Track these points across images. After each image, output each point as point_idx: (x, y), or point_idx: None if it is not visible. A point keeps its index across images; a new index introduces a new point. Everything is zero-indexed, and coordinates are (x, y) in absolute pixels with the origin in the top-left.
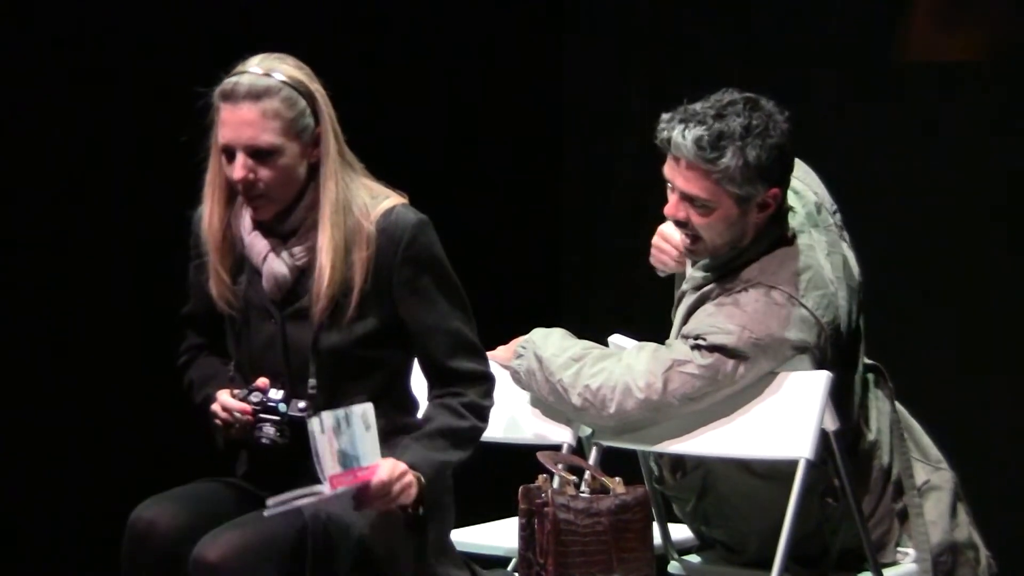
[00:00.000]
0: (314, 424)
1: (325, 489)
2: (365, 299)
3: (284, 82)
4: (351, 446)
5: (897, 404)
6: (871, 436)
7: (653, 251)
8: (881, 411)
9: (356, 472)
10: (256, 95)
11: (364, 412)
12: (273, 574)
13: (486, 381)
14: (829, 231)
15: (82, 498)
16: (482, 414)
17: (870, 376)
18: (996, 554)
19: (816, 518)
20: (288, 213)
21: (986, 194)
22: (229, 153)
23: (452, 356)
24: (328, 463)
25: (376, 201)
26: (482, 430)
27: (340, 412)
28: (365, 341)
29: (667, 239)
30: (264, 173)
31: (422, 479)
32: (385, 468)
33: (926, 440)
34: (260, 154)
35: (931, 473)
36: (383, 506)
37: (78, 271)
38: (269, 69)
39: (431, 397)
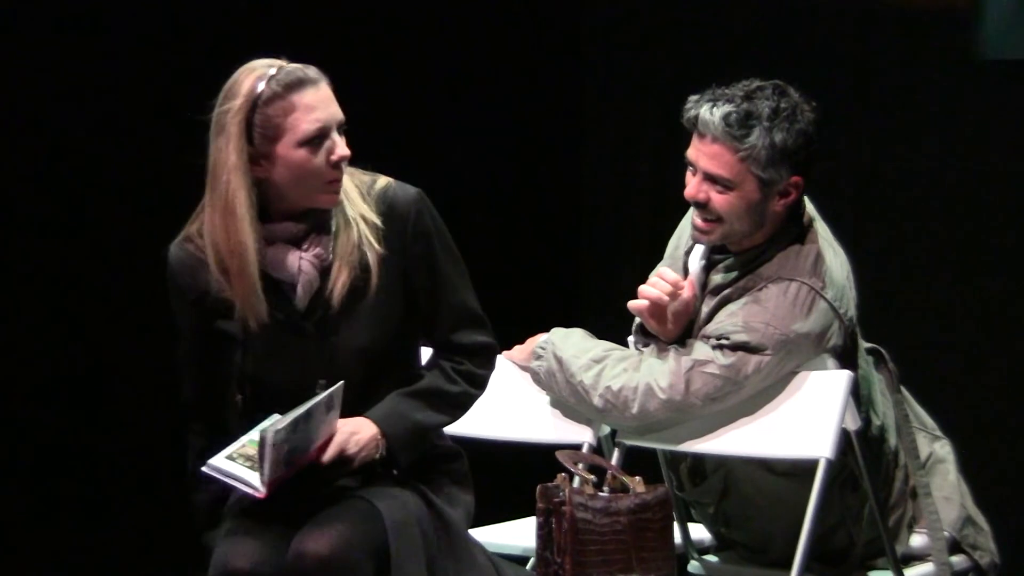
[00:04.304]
0: (268, 436)
1: (260, 492)
2: (389, 288)
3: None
4: (304, 440)
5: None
6: (877, 421)
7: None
8: (884, 393)
9: (299, 461)
10: (321, 75)
11: (332, 397)
12: (372, 569)
13: (488, 352)
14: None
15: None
16: (476, 381)
17: (870, 359)
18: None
19: (838, 510)
20: (304, 213)
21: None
22: (320, 139)
23: (456, 330)
24: (270, 471)
25: (364, 180)
26: (475, 396)
27: (301, 413)
28: (396, 330)
29: (662, 276)
30: (348, 150)
31: (384, 438)
32: (330, 451)
33: (919, 408)
34: (342, 130)
35: (932, 443)
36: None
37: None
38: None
39: (429, 360)
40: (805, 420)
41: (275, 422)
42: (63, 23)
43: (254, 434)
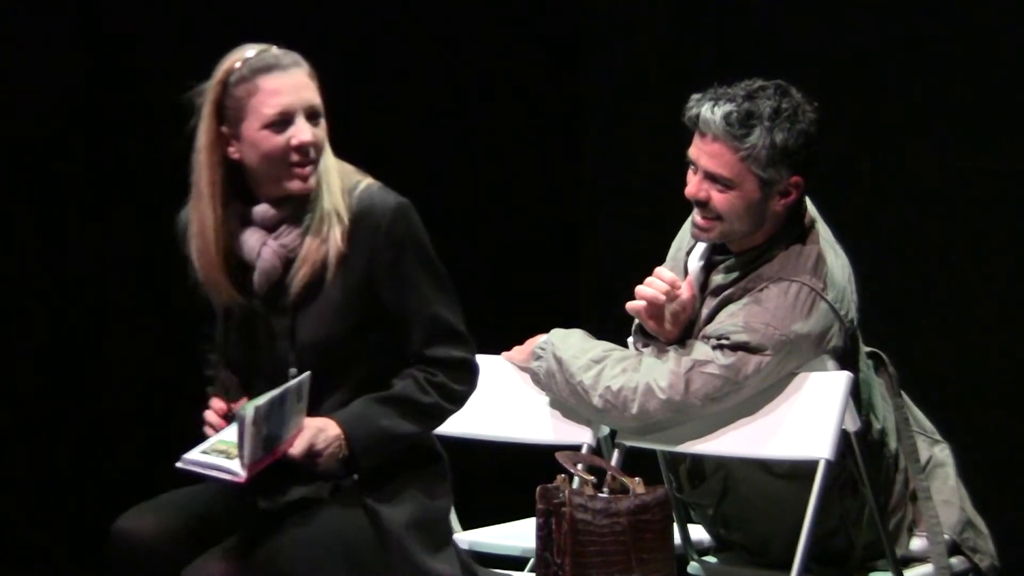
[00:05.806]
0: (248, 413)
1: (240, 477)
2: (347, 288)
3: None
4: (279, 427)
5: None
6: (878, 424)
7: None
8: (884, 397)
9: (275, 450)
10: (298, 62)
11: (300, 386)
12: None
13: (465, 368)
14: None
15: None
16: (450, 395)
17: (870, 362)
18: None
19: (837, 514)
20: (283, 199)
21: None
22: (283, 123)
23: (430, 344)
24: (250, 452)
25: (350, 179)
26: (447, 410)
27: (276, 395)
28: (351, 332)
29: (659, 276)
30: (318, 134)
31: (346, 440)
32: (299, 444)
33: (918, 412)
34: (314, 116)
35: (931, 447)
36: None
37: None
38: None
39: (404, 371)
40: (805, 421)
41: (250, 403)
42: (63, 23)
43: (224, 434)
